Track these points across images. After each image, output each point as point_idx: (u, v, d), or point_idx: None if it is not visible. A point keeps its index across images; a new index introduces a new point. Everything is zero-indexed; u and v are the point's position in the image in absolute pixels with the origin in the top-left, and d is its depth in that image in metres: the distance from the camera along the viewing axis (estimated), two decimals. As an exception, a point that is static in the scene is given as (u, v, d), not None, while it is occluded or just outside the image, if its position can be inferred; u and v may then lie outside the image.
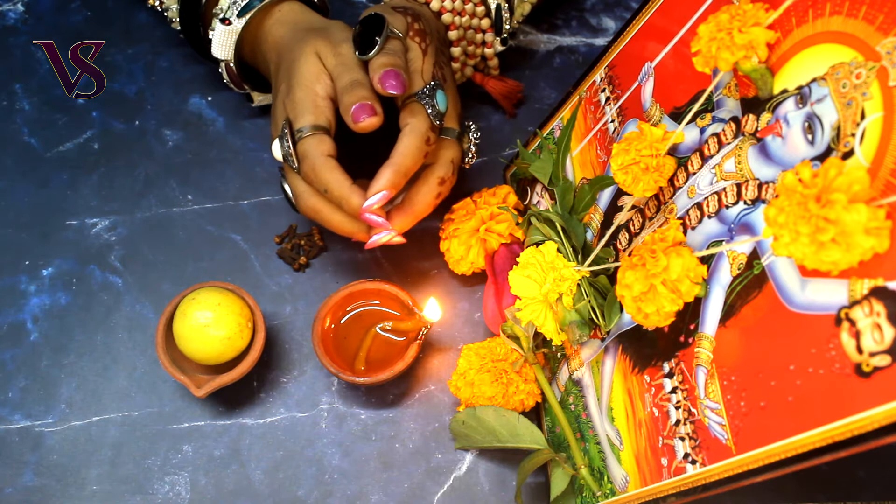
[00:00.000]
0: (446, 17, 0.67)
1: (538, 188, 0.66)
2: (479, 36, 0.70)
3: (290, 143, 0.58)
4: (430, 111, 0.58)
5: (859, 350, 0.35)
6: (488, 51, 0.72)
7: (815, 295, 0.37)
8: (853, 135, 0.36)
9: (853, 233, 0.34)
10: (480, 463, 0.64)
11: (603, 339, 0.55)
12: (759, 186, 0.42)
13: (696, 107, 0.48)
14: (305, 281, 0.69)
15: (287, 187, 0.62)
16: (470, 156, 0.65)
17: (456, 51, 0.69)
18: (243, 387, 0.65)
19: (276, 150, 0.59)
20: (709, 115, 0.47)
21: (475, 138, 0.65)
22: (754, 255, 0.42)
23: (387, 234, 0.59)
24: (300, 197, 0.60)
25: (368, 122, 0.55)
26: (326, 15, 0.67)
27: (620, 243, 0.54)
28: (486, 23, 0.69)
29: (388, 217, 0.60)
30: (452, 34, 0.68)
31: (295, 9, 0.65)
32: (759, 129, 0.43)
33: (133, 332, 0.67)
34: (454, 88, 0.64)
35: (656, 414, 0.49)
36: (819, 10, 0.39)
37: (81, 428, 0.64)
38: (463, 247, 0.66)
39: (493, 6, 0.69)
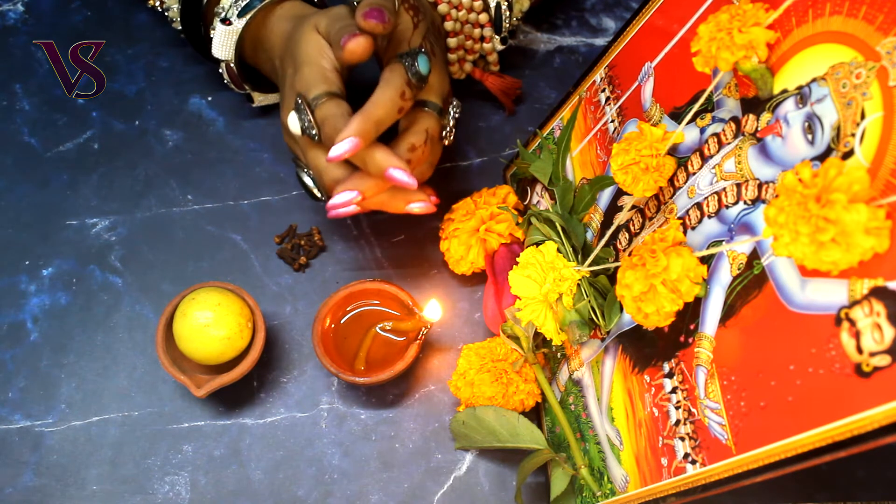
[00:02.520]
0: (442, 8, 0.67)
1: (538, 188, 0.66)
2: (476, 31, 0.70)
3: (309, 113, 0.57)
4: (408, 69, 0.57)
5: (859, 350, 0.35)
6: (487, 46, 0.72)
7: (815, 295, 0.37)
8: (853, 135, 0.36)
9: (853, 233, 0.34)
10: (480, 463, 0.64)
11: (603, 339, 0.55)
12: (759, 186, 0.42)
13: (696, 107, 0.48)
14: (305, 281, 0.69)
15: (305, 176, 0.60)
16: (448, 129, 0.63)
17: (452, 42, 0.69)
18: (243, 387, 0.65)
19: (294, 122, 0.57)
20: (709, 115, 0.47)
21: (455, 112, 0.63)
22: (754, 255, 0.42)
23: (411, 186, 0.55)
24: (324, 173, 0.58)
25: (356, 42, 0.54)
26: None
27: (620, 243, 0.54)
28: (483, 17, 0.69)
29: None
30: (448, 25, 0.68)
31: (296, 6, 0.65)
32: (759, 129, 0.43)
33: (133, 332, 0.67)
34: (444, 70, 0.63)
35: (656, 414, 0.49)
36: (819, 10, 0.39)
37: (81, 428, 0.64)
38: (463, 247, 0.66)
39: (492, 3, 0.69)
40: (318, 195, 0.61)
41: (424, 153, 0.59)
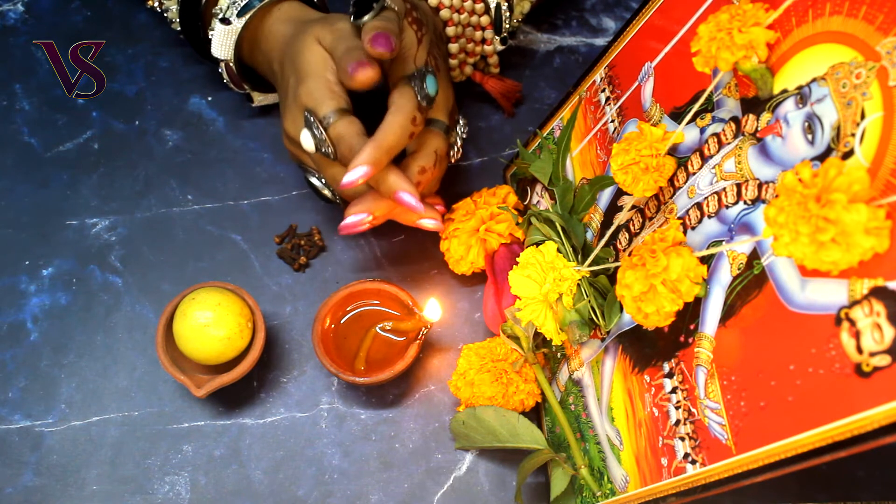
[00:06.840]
0: (444, 13, 0.67)
1: (538, 188, 0.66)
2: (478, 34, 0.70)
3: (321, 130, 0.57)
4: (417, 92, 0.57)
5: (859, 350, 0.35)
6: (488, 48, 0.72)
7: (815, 295, 0.37)
8: (853, 135, 0.36)
9: (853, 233, 0.34)
10: (480, 463, 0.64)
11: (603, 339, 0.55)
12: (759, 186, 0.42)
13: (696, 107, 0.48)
14: (305, 281, 0.69)
15: (315, 180, 0.63)
16: (456, 149, 0.64)
17: (454, 47, 0.69)
18: (243, 387, 0.65)
19: (307, 140, 0.58)
20: (709, 115, 0.47)
21: (462, 132, 0.65)
22: (754, 255, 0.42)
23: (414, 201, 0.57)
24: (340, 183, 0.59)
25: (364, 73, 0.54)
26: (326, 13, 0.67)
27: (620, 243, 0.54)
28: (485, 20, 0.69)
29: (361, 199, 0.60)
30: (450, 30, 0.68)
31: (294, 7, 0.65)
32: (759, 129, 0.43)
33: (133, 332, 0.67)
34: (448, 83, 0.64)
35: (656, 414, 0.49)
36: (819, 10, 0.39)
37: (81, 428, 0.64)
38: (463, 247, 0.66)
39: (492, 5, 0.69)
40: (331, 197, 0.63)
41: (433, 174, 0.61)
